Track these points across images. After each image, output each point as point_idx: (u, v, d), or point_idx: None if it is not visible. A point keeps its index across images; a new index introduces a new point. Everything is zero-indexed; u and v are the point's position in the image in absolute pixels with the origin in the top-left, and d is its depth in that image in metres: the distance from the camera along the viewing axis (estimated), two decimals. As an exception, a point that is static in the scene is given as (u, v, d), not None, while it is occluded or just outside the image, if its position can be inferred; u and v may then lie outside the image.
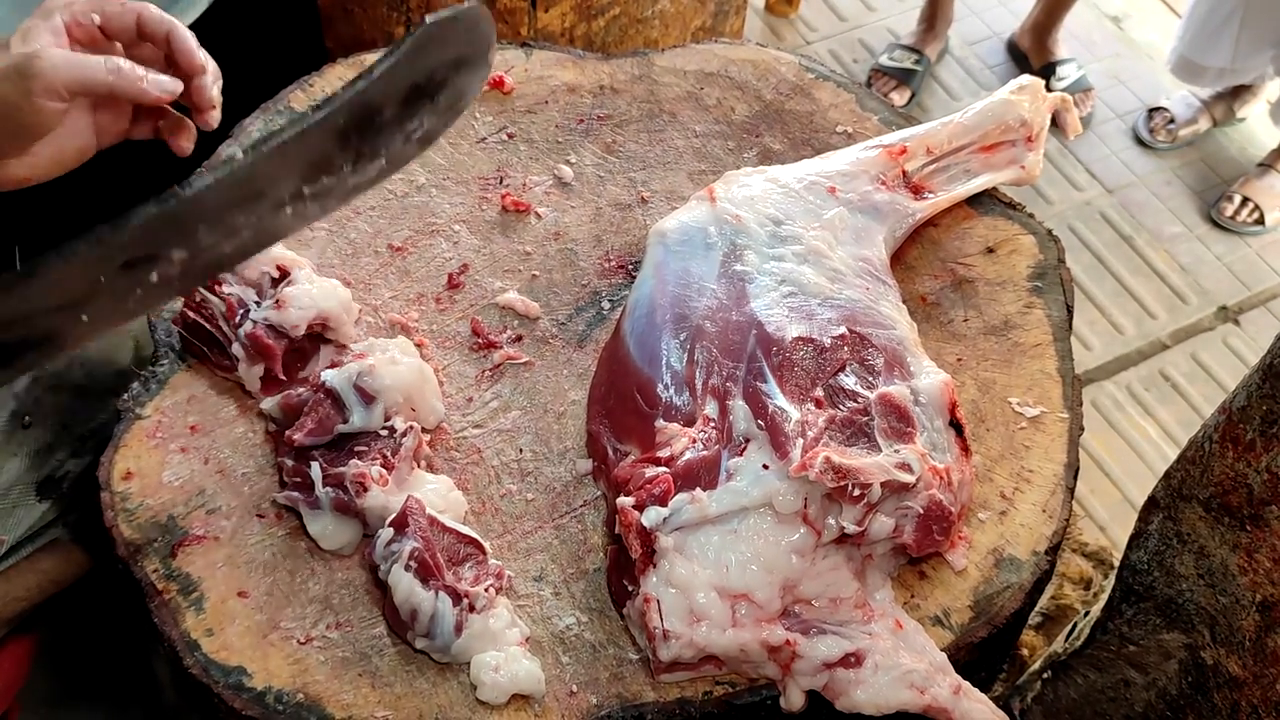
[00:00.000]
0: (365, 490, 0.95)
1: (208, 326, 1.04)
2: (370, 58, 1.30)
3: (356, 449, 0.98)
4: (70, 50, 0.95)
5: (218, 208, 0.88)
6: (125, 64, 0.95)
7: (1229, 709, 1.01)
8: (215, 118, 1.03)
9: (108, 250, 0.84)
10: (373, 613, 0.95)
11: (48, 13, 0.96)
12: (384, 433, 0.99)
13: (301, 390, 1.01)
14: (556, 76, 1.31)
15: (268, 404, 1.02)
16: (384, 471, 0.96)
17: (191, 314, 1.05)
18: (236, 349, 1.03)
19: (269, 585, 0.95)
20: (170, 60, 1.01)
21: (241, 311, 1.04)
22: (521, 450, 1.06)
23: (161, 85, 0.97)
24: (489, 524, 1.01)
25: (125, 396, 1.04)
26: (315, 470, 0.96)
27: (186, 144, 1.04)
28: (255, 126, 1.23)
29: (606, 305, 1.15)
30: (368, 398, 0.99)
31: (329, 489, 0.96)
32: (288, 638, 0.93)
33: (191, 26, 1.70)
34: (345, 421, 0.98)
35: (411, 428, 1.00)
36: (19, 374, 0.93)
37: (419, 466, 1.01)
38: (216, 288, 1.04)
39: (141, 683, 1.39)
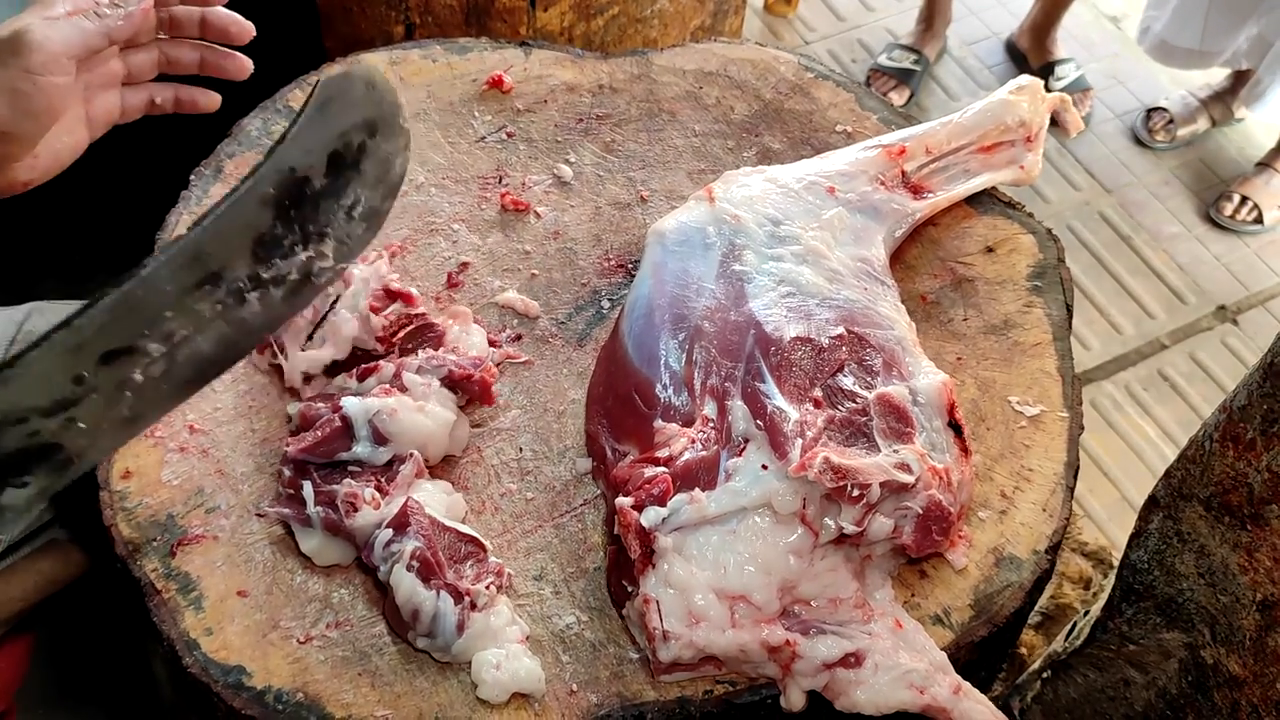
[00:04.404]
0: (355, 510, 0.93)
1: None
2: (370, 56, 1.30)
3: (351, 469, 0.97)
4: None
5: (176, 291, 0.83)
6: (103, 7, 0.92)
7: (1229, 708, 1.01)
8: (246, 64, 1.03)
9: (79, 336, 0.80)
10: (372, 611, 0.95)
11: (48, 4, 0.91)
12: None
13: (321, 406, 1.00)
14: (555, 76, 1.31)
15: (293, 408, 1.01)
16: (376, 495, 0.94)
17: None
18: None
19: (268, 584, 0.95)
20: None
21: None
22: (521, 449, 1.05)
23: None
24: (489, 523, 1.01)
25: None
26: (308, 489, 0.95)
27: (206, 102, 1.05)
28: (253, 126, 1.23)
29: (606, 304, 1.15)
30: (380, 438, 0.97)
31: (320, 508, 0.94)
32: (287, 637, 0.93)
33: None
34: (348, 450, 0.97)
35: (412, 455, 0.98)
36: (41, 497, 0.86)
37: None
38: None
39: (140, 682, 1.39)
